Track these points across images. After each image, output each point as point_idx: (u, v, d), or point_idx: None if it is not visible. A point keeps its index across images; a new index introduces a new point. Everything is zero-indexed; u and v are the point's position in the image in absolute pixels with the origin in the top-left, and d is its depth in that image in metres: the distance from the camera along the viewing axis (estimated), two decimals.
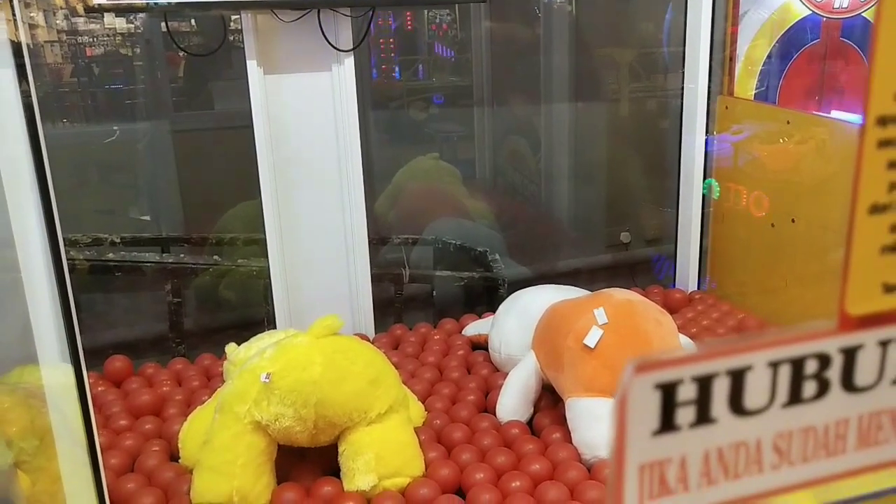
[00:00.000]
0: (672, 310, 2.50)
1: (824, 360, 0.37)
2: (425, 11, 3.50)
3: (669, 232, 2.87)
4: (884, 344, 0.38)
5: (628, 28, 3.47)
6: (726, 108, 2.56)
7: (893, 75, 0.35)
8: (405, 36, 3.64)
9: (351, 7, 2.14)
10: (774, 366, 0.36)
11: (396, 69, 3.59)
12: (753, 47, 2.55)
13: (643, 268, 3.35)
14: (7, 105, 1.13)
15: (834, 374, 0.38)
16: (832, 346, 0.37)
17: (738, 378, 0.36)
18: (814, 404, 0.38)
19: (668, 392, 0.35)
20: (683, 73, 2.57)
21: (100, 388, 2.16)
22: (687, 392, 0.35)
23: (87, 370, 2.22)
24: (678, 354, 0.35)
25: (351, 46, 2.21)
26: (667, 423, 0.35)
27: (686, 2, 2.55)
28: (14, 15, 1.06)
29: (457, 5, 3.38)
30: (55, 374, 1.38)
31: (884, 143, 0.36)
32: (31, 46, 2.99)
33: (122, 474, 1.77)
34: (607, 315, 1.77)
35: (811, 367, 0.37)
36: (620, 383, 0.34)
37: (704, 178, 2.64)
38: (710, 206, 2.70)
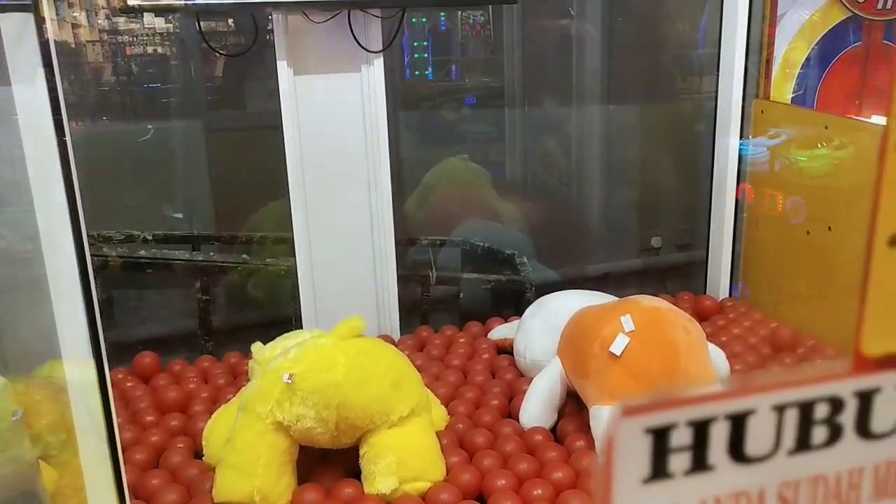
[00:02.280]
0: (702, 317, 2.46)
1: (837, 404, 0.34)
2: (459, 12, 3.49)
3: (702, 237, 2.81)
4: None
5: (663, 29, 3.41)
6: (762, 111, 2.50)
7: None
8: (439, 36, 3.63)
9: (381, 8, 2.14)
10: (780, 409, 0.33)
11: (430, 69, 3.58)
12: (791, 49, 2.48)
13: (674, 273, 3.29)
14: (36, 104, 1.14)
15: (847, 419, 0.35)
16: (846, 388, 0.34)
17: (738, 423, 0.33)
18: (824, 451, 0.35)
19: (660, 437, 0.32)
20: (718, 75, 2.51)
21: (128, 384, 2.19)
22: (681, 437, 0.33)
23: (117, 366, 2.26)
24: (669, 398, 0.33)
25: (381, 48, 2.21)
26: (658, 471, 0.33)
27: (722, 2, 2.50)
28: (41, 16, 1.07)
29: (489, 6, 3.36)
30: (78, 369, 1.40)
31: None
32: (73, 46, 3.05)
33: (147, 470, 1.79)
34: (634, 322, 1.74)
35: (822, 411, 0.34)
36: (607, 426, 0.32)
37: (738, 182, 2.58)
38: (743, 212, 2.64)
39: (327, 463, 1.78)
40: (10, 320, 2.06)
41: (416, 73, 3.51)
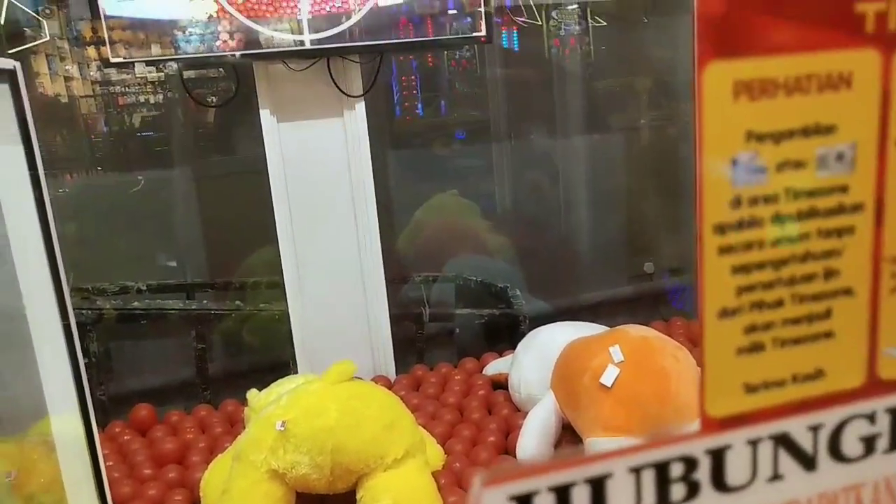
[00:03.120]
0: (695, 342, 2.46)
1: (691, 463, 0.36)
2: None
3: (692, 261, 2.82)
4: (753, 443, 0.37)
5: (643, 56, 3.46)
6: None
7: (722, 185, 0.35)
8: (427, 72, 3.68)
9: (359, 54, 2.18)
10: (637, 471, 0.35)
11: (419, 105, 3.62)
12: None
13: (668, 298, 3.30)
14: (12, 160, 1.17)
15: (703, 475, 0.37)
16: (698, 448, 0.36)
17: (598, 486, 0.35)
18: None
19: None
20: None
21: (125, 437, 2.19)
22: (544, 502, 0.34)
23: (116, 419, 2.26)
24: (528, 464, 0.34)
25: (361, 92, 2.24)
26: None
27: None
28: (16, 81, 1.10)
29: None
30: (71, 425, 1.40)
31: (724, 250, 0.36)
32: (66, 99, 3.10)
33: None
34: (623, 353, 1.75)
35: (677, 469, 0.36)
36: (468, 497, 0.33)
37: None
38: None
39: None
40: (1, 379, 2.07)
41: (406, 109, 3.56)
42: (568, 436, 1.95)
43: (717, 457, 0.37)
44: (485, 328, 2.83)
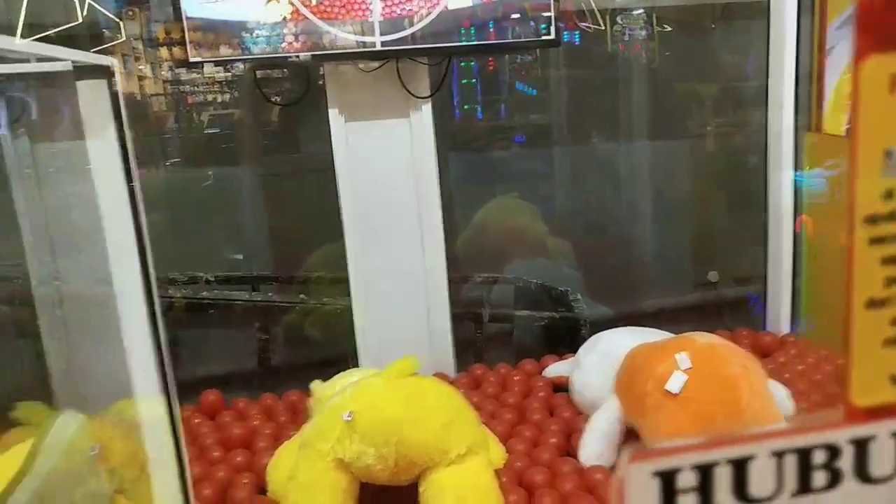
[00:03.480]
0: (762, 353, 2.41)
1: (834, 451, 0.37)
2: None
3: (760, 271, 2.77)
4: None
5: (710, 62, 3.41)
6: (815, 144, 2.48)
7: (875, 177, 0.35)
8: (487, 76, 3.70)
9: (428, 56, 2.21)
10: (779, 455, 0.36)
11: (479, 109, 3.64)
12: (844, 81, 2.46)
13: (732, 308, 3.24)
14: (106, 156, 1.23)
15: (846, 464, 0.37)
16: (842, 437, 0.37)
17: (740, 467, 0.36)
18: (826, 494, 0.37)
19: (667, 480, 0.35)
20: (766, 107, 2.50)
21: (195, 421, 2.26)
22: (687, 479, 0.35)
23: (184, 403, 2.33)
24: (674, 445, 0.35)
25: (428, 93, 2.27)
26: None
27: (768, 34, 2.50)
28: (112, 77, 1.16)
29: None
30: (150, 407, 1.46)
31: (875, 241, 0.36)
32: (139, 97, 3.22)
33: None
34: (690, 360, 1.73)
35: (820, 457, 0.36)
36: (615, 471, 0.35)
37: (795, 215, 2.55)
38: (803, 244, 2.59)
39: (387, 500, 1.79)
40: (83, 361, 2.16)
41: (466, 112, 3.59)
42: (631, 441, 1.94)
43: (861, 447, 0.38)
44: (544, 331, 2.83)
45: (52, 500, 1.46)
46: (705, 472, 0.36)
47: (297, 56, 2.13)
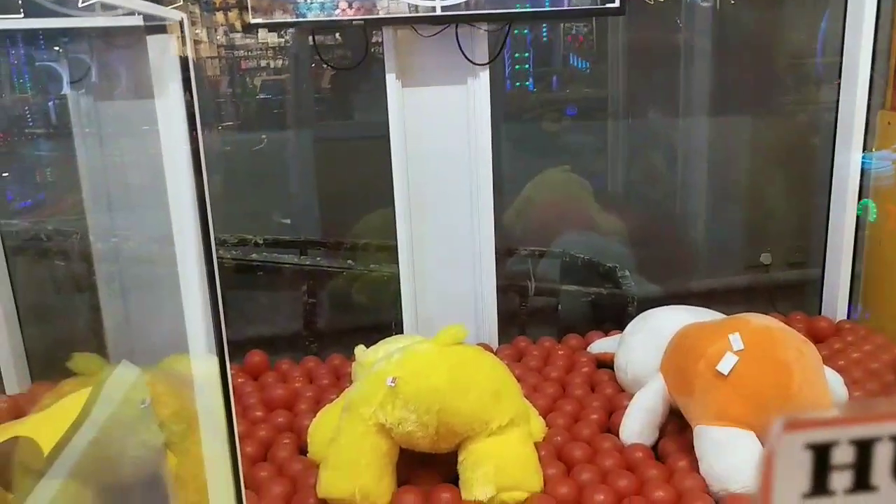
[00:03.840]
0: (817, 339, 2.34)
1: None
2: (562, 23, 3.48)
3: (816, 255, 2.68)
4: None
5: (777, 36, 3.28)
6: (888, 123, 2.36)
7: None
8: (541, 47, 3.63)
9: (488, 22, 2.17)
10: None
11: (531, 80, 3.58)
12: None
13: (784, 292, 3.15)
14: (172, 115, 1.24)
15: None
16: None
17: None
18: None
19: (821, 454, 0.32)
20: (839, 85, 2.39)
21: (239, 380, 2.30)
22: (843, 455, 0.32)
23: (230, 362, 2.38)
24: (834, 414, 0.32)
25: (486, 60, 2.23)
26: (819, 487, 0.32)
27: (846, 7, 2.38)
28: (183, 33, 1.16)
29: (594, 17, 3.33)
30: (202, 365, 1.49)
31: None
32: (195, 60, 3.26)
33: (256, 463, 1.88)
34: (743, 341, 1.68)
35: None
36: (769, 439, 0.32)
37: (860, 198, 2.45)
38: (865, 229, 2.49)
39: (426, 467, 1.80)
40: (137, 316, 2.22)
41: (518, 84, 3.53)
42: (675, 421, 1.91)
43: None
44: (590, 306, 2.80)
45: (107, 447, 1.51)
46: (864, 449, 0.33)
47: (363, 20, 2.11)
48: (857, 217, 2.49)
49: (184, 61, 1.17)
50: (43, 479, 1.28)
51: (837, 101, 2.44)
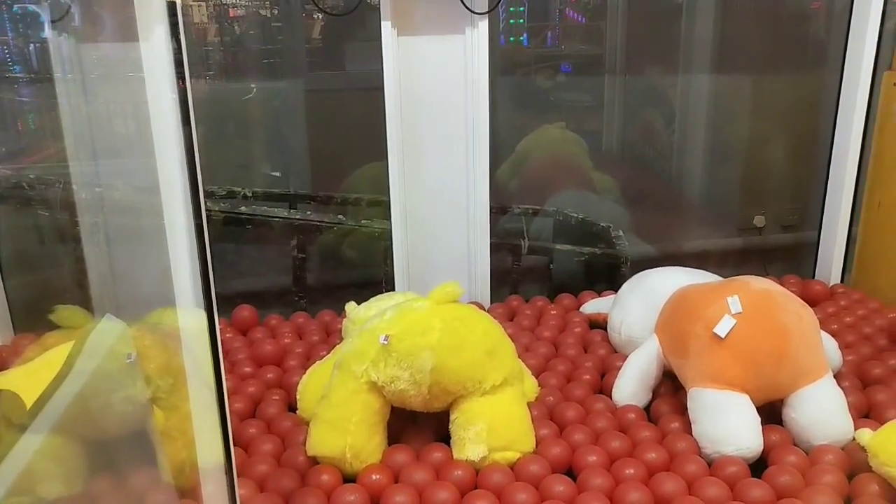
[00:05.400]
0: (810, 303, 2.32)
1: None
2: None
3: (810, 218, 2.66)
4: None
5: None
6: (894, 84, 2.31)
7: None
8: (536, 1, 3.53)
9: None
10: None
11: (525, 35, 3.50)
12: None
13: (777, 255, 3.14)
14: (159, 61, 1.17)
15: None
16: None
17: None
18: None
19: None
20: (846, 43, 2.33)
21: (227, 335, 2.27)
22: None
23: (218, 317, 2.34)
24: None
25: (486, 9, 2.16)
26: None
27: None
28: None
29: None
30: (189, 319, 1.45)
31: None
32: (182, 5, 3.14)
33: (245, 419, 1.85)
34: (742, 304, 1.66)
35: None
36: None
37: (861, 160, 2.41)
38: (863, 194, 2.47)
39: (417, 426, 1.79)
40: (124, 267, 2.17)
41: (512, 38, 3.44)
42: (668, 383, 1.90)
43: None
44: (584, 266, 2.77)
45: (91, 400, 1.48)
46: None
47: None
48: (857, 180, 2.46)
49: (171, 5, 1.10)
50: (26, 433, 1.25)
51: (843, 59, 2.38)
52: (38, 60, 2.75)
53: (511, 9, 3.36)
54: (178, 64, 1.17)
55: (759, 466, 1.61)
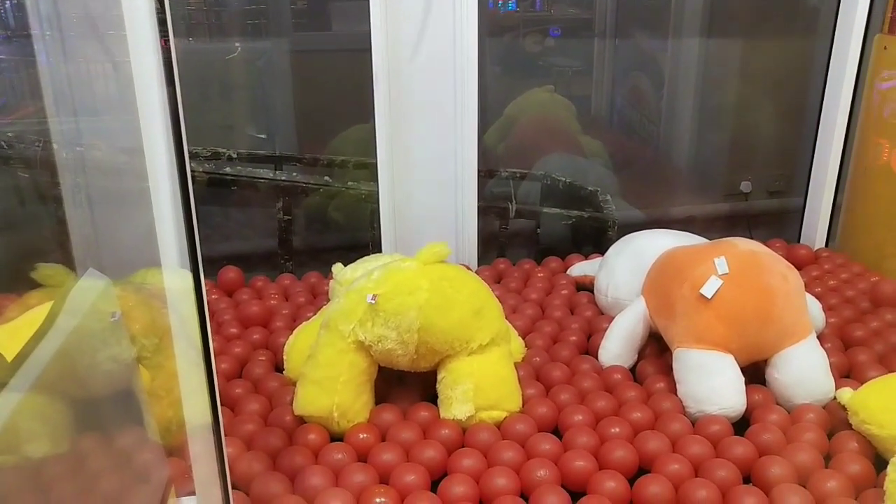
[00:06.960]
0: (795, 266, 2.34)
1: None
2: None
3: (796, 184, 2.67)
4: None
5: None
6: (885, 48, 2.31)
7: None
8: None
9: None
10: None
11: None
12: None
13: (762, 220, 3.16)
14: (141, 20, 1.13)
15: None
16: None
17: None
18: None
19: None
20: (838, 4, 2.31)
21: (213, 296, 2.26)
22: None
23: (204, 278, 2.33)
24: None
25: None
26: None
27: None
28: None
29: None
30: (175, 278, 1.43)
31: None
32: None
33: (231, 379, 1.85)
34: (729, 265, 1.67)
35: None
36: None
37: (849, 126, 2.41)
38: (850, 159, 2.47)
39: (404, 386, 1.80)
40: (107, 228, 2.14)
41: (500, 2, 3.39)
42: (653, 344, 1.91)
43: None
44: (571, 230, 2.77)
45: (76, 359, 1.47)
46: None
47: None
48: (844, 146, 2.46)
49: None
50: (5, 391, 1.24)
51: (835, 21, 2.36)
52: (13, 18, 2.67)
53: None
54: (162, 23, 1.14)
55: (741, 425, 1.64)
